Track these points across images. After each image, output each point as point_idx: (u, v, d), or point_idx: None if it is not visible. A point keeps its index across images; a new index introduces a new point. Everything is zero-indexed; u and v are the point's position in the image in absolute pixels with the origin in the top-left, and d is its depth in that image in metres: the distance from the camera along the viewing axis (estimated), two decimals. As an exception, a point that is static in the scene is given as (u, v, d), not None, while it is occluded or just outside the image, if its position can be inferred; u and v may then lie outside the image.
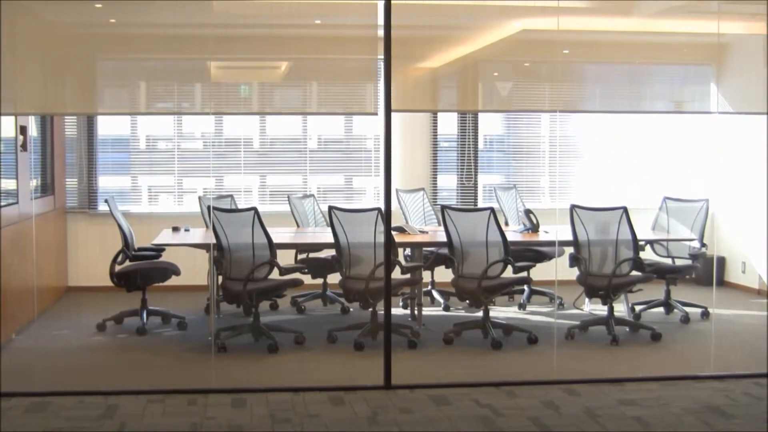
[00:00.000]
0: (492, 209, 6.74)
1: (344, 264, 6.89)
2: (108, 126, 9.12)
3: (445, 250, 7.18)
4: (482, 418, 5.07)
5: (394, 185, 7.37)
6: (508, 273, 6.91)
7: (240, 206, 7.97)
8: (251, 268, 6.64)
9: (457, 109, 8.60)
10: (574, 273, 7.16)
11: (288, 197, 8.39)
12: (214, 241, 6.71)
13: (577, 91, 6.78)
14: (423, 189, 8.69)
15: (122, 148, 9.33)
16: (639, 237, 6.96)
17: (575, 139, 9.64)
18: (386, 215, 5.95)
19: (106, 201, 7.60)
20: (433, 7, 6.27)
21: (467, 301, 7.31)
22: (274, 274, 6.80)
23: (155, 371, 6.24)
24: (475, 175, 9.44)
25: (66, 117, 8.81)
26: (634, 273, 7.02)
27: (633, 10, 6.66)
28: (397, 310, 7.41)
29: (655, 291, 7.82)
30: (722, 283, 9.13)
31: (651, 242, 7.78)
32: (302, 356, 6.64)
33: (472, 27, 6.47)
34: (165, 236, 7.61)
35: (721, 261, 9.11)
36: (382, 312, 6.02)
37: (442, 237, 7.14)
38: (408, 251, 7.91)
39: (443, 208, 6.97)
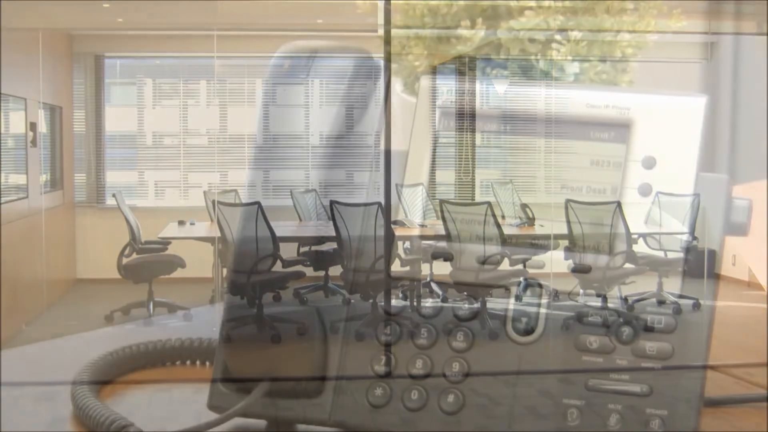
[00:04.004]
0: (489, 203, 6.87)
1: (345, 257, 7.02)
2: (115, 122, 9.24)
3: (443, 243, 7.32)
4: (479, 407, 5.20)
5: (394, 180, 7.50)
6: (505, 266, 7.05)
7: (244, 201, 8.06)
8: (255, 261, 6.77)
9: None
10: (568, 265, 7.29)
11: (291, 192, 8.48)
12: (218, 234, 6.85)
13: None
14: (422, 184, 8.80)
15: (129, 144, 9.39)
16: (632, 230, 7.10)
17: (571, 135, 9.75)
18: (386, 209, 6.08)
19: (113, 195, 7.71)
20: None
21: (465, 293, 7.47)
22: (277, 267, 6.93)
23: (162, 361, 6.38)
24: (473, 170, 9.55)
25: (74, 115, 8.93)
26: (627, 265, 7.16)
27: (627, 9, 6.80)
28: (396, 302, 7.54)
29: (648, 283, 7.95)
30: (713, 275, 9.24)
31: (644, 235, 7.93)
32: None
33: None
34: (171, 230, 7.64)
35: (712, 254, 9.23)
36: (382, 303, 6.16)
37: (440, 231, 7.26)
38: (407, 244, 8.02)
39: (441, 202, 7.09)
